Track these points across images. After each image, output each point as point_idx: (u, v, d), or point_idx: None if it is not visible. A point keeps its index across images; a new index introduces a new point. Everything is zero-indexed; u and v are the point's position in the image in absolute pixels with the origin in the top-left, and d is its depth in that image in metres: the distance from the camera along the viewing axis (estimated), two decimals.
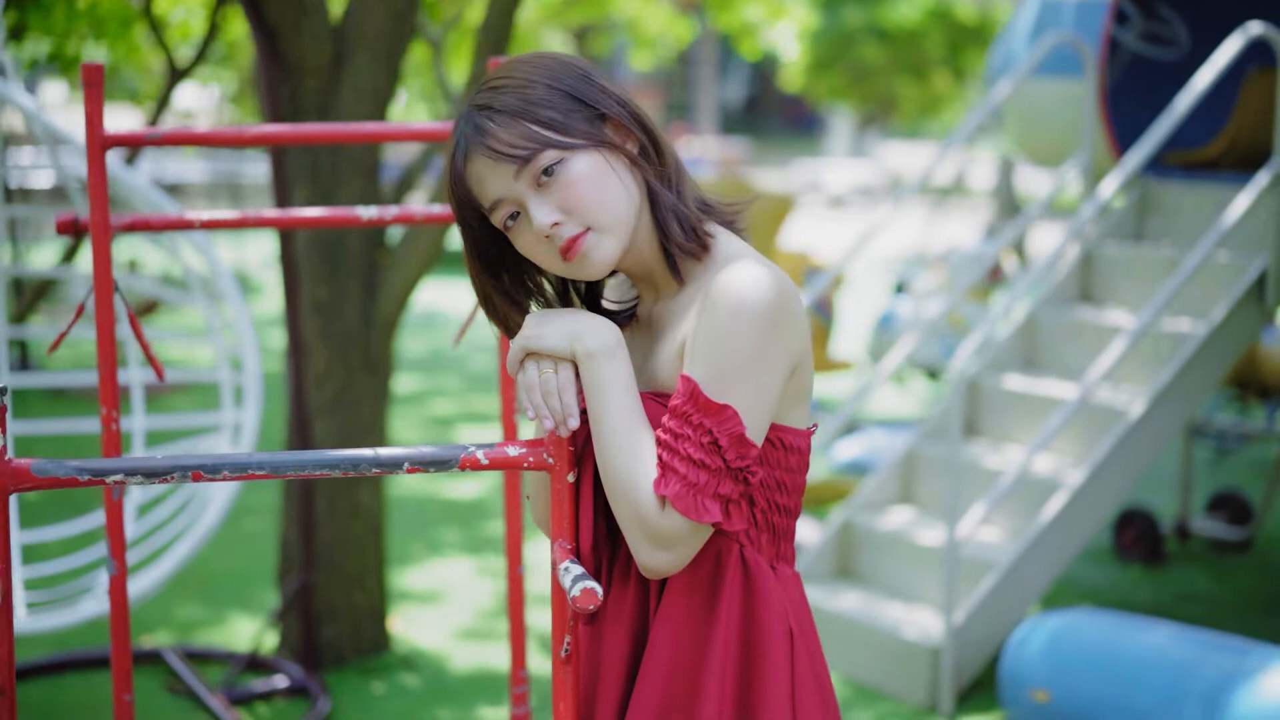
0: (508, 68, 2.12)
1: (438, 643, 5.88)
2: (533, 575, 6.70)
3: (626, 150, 2.13)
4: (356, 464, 2.13)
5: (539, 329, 2.12)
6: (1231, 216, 5.53)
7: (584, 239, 2.09)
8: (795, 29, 12.34)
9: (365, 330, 5.41)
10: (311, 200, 5.22)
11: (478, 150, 2.07)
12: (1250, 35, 5.50)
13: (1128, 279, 6.10)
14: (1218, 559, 7.06)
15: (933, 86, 29.38)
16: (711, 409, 2.04)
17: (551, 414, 2.10)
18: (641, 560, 2.09)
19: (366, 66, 5.18)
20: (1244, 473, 8.67)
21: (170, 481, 2.09)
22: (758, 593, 2.15)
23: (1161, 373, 5.53)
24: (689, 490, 2.04)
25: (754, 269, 2.06)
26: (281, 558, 5.64)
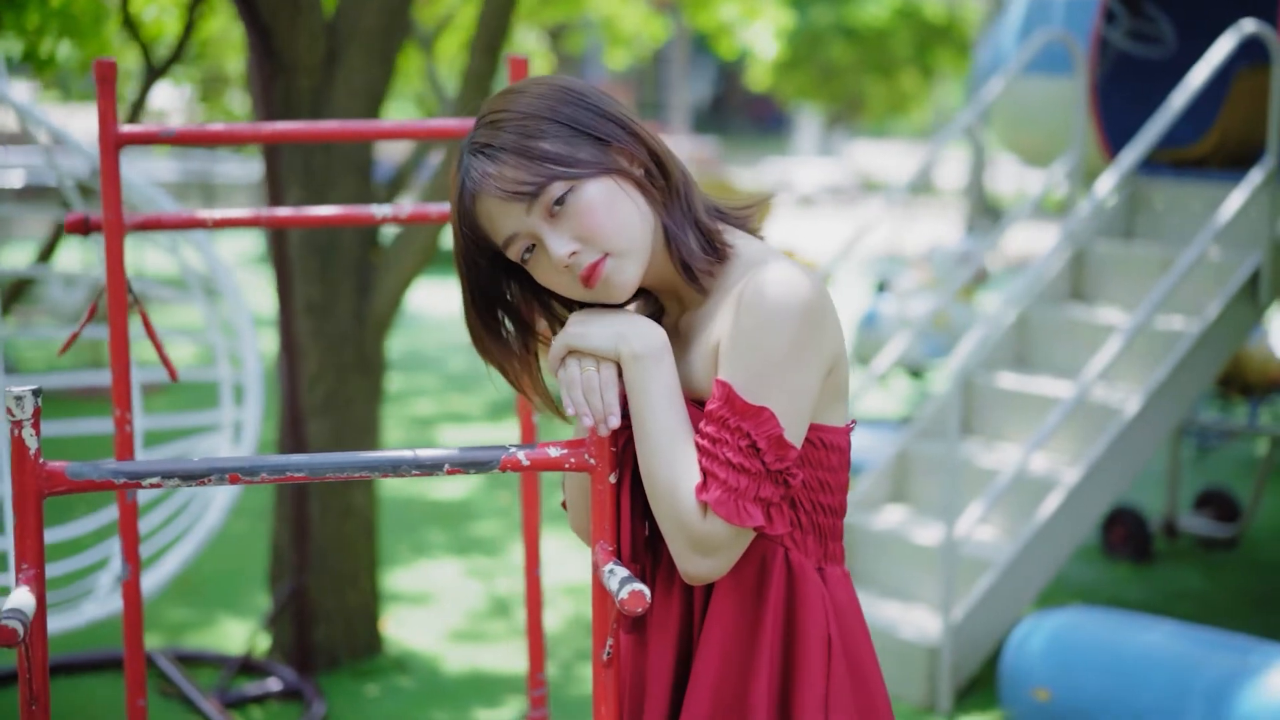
0: (501, 101, 2.10)
1: (430, 645, 5.84)
2: (517, 577, 6.67)
3: (633, 172, 2.11)
4: (396, 465, 2.10)
5: (584, 327, 2.10)
6: (1225, 214, 5.53)
7: (604, 265, 2.07)
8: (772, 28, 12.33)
9: (358, 330, 5.38)
10: (304, 199, 5.18)
11: (485, 190, 2.05)
12: (1244, 33, 5.50)
13: (1118, 277, 6.10)
14: (1206, 556, 7.07)
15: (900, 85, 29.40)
16: (749, 412, 2.02)
17: (592, 411, 2.08)
18: (683, 567, 2.07)
19: (360, 64, 5.14)
20: (1228, 470, 8.70)
21: (208, 484, 2.06)
22: (800, 599, 2.13)
23: (1156, 371, 5.53)
24: (730, 495, 2.02)
25: (785, 269, 2.05)
26: (273, 559, 5.60)
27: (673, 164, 2.16)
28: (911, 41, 28.34)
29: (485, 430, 9.76)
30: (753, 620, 2.13)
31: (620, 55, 14.36)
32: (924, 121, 36.41)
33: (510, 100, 2.09)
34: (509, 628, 6.05)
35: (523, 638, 5.93)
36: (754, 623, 2.13)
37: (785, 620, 2.13)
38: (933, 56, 28.33)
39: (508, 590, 6.50)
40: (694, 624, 2.17)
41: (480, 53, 5.06)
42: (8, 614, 1.92)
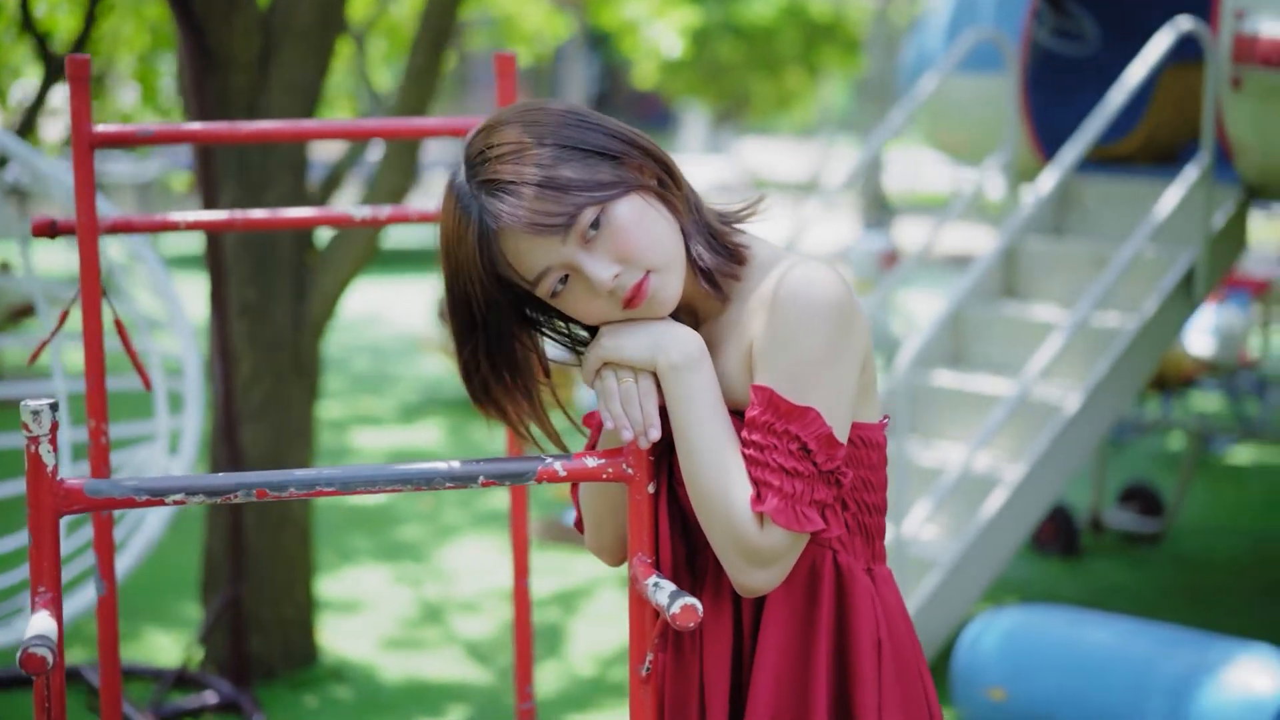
0: (498, 135, 2.01)
1: (365, 653, 5.74)
2: (456, 580, 6.58)
3: (650, 184, 2.04)
4: (430, 479, 2.03)
5: (618, 340, 2.04)
6: (1162, 211, 5.56)
7: (648, 282, 2.00)
8: (677, 25, 12.31)
9: (294, 333, 5.26)
10: (239, 199, 5.06)
11: (513, 228, 1.96)
12: (1180, 31, 5.53)
13: (1051, 274, 6.11)
14: (1132, 551, 7.12)
15: (786, 83, 29.56)
16: (794, 413, 1.97)
17: (632, 424, 2.02)
18: (740, 581, 2.01)
19: (296, 61, 5.02)
20: (1143, 464, 8.77)
21: (234, 500, 1.97)
22: (851, 602, 2.10)
23: (1096, 367, 5.54)
24: (787, 503, 1.97)
25: (812, 268, 2.01)
26: (205, 569, 5.46)
27: (680, 171, 2.10)
28: (798, 40, 28.49)
29: (401, 433, 9.63)
30: (806, 627, 2.08)
31: (521, 53, 14.26)
32: (808, 119, 36.60)
33: (509, 132, 2.00)
34: (443, 634, 5.96)
35: (458, 644, 5.85)
36: (808, 630, 2.08)
37: (837, 625, 2.10)
38: (818, 55, 28.50)
39: (438, 596, 6.41)
40: (744, 637, 2.12)
41: (424, 50, 4.97)
42: (35, 641, 1.83)
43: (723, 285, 2.09)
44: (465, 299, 2.03)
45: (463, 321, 2.06)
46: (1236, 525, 7.60)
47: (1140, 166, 6.57)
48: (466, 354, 2.08)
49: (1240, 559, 7.03)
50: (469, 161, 2.02)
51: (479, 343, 2.07)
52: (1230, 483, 8.50)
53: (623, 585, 6.48)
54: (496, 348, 2.08)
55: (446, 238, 2.03)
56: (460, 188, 2.01)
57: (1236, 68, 5.47)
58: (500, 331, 2.06)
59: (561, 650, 5.77)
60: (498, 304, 2.03)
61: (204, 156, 4.97)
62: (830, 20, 28.47)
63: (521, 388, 2.12)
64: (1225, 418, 9.34)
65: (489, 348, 2.07)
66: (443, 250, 2.04)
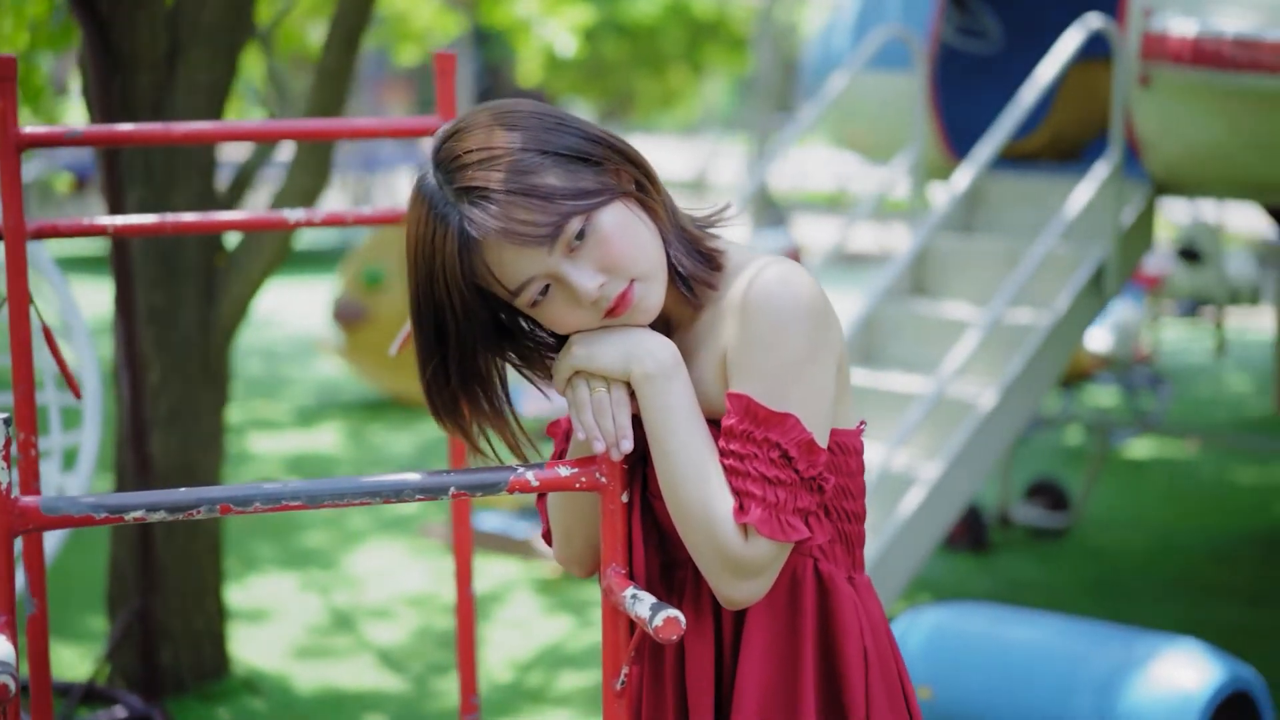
0: (471, 139, 1.94)
1: (276, 663, 5.63)
2: (365, 586, 6.48)
3: (631, 190, 1.99)
4: (399, 490, 1.97)
5: (590, 348, 1.98)
6: (1073, 207, 5.59)
7: (633, 291, 1.95)
8: (570, 24, 12.21)
9: (203, 338, 5.14)
10: (146, 201, 4.93)
11: (496, 238, 1.89)
12: (1090, 29, 5.55)
13: (961, 272, 6.12)
14: (1040, 546, 7.17)
15: (670, 82, 29.63)
16: (773, 420, 1.93)
17: (604, 435, 1.96)
18: (725, 593, 1.97)
19: (203, 60, 4.90)
20: (1046, 459, 8.84)
21: (197, 516, 1.90)
22: (835, 611, 2.06)
23: (1010, 364, 5.56)
24: (770, 512, 1.92)
25: (783, 268, 1.97)
26: (112, 580, 5.32)
27: (657, 175, 2.05)
28: (682, 38, 28.55)
29: (299, 437, 9.49)
30: (790, 638, 2.04)
31: (411, 51, 14.14)
32: (692, 117, 36.71)
33: (483, 136, 1.93)
34: (355, 642, 5.87)
35: (371, 652, 5.76)
36: (792, 640, 2.04)
37: (821, 635, 2.06)
38: (703, 53, 28.57)
39: (347, 603, 6.30)
40: (725, 649, 2.07)
41: (337, 48, 4.87)
42: None
43: (699, 292, 2.04)
44: (438, 310, 1.96)
45: (432, 334, 1.99)
46: (1140, 519, 7.68)
47: (1045, 163, 6.61)
48: (434, 368, 2.01)
49: (1146, 552, 7.10)
50: (442, 166, 1.95)
51: (449, 356, 2.00)
52: (1130, 476, 8.59)
53: (535, 589, 6.42)
54: (469, 361, 2.01)
55: (419, 246, 1.96)
56: (434, 194, 1.94)
57: (1145, 65, 5.50)
58: (474, 344, 2.00)
59: (477, 656, 5.68)
60: (474, 315, 1.97)
61: (108, 158, 4.84)
62: (714, 19, 28.56)
63: (490, 401, 2.06)
64: (1122, 412, 9.44)
65: (461, 361, 2.00)
66: (414, 260, 1.96)
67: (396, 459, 8.78)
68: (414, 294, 1.98)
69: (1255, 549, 7.16)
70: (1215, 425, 9.90)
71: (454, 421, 2.06)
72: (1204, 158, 5.67)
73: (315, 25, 12.09)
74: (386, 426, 9.74)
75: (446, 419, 2.06)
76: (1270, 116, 5.23)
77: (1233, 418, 10.21)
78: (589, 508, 2.14)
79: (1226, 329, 12.40)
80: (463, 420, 2.06)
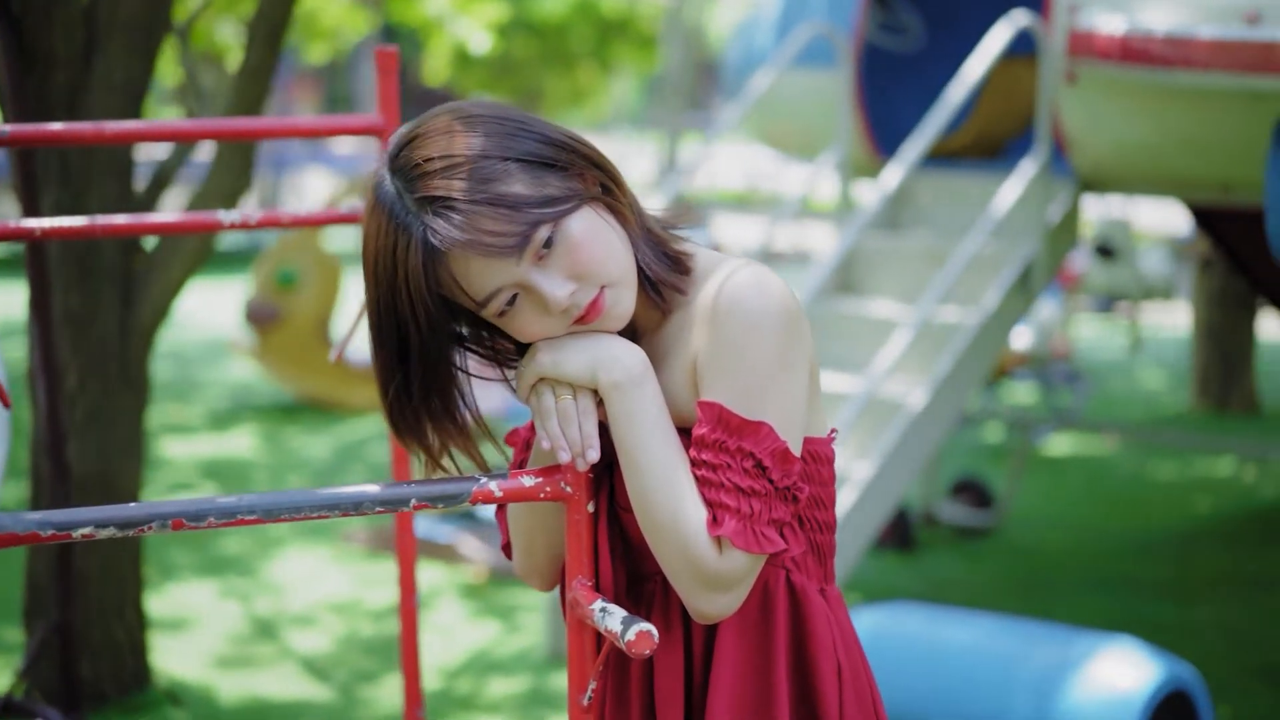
0: (430, 145, 1.86)
1: (198, 674, 5.51)
2: (286, 593, 6.37)
3: (596, 193, 1.92)
4: (359, 503, 1.89)
5: (556, 355, 1.91)
6: (1001, 205, 5.58)
7: (603, 298, 1.89)
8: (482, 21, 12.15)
9: (122, 342, 5.01)
10: (61, 203, 4.80)
11: (462, 249, 1.82)
12: (1017, 26, 5.55)
13: (888, 270, 6.10)
14: (965, 544, 7.18)
15: (579, 79, 29.61)
16: (746, 429, 1.87)
17: (570, 444, 1.89)
18: (698, 607, 1.91)
19: (120, 58, 4.78)
20: (966, 456, 8.85)
21: (148, 532, 1.82)
22: (808, 624, 2.01)
23: (939, 362, 5.54)
24: (745, 524, 1.86)
25: (754, 273, 1.91)
26: (29, 591, 5.18)
27: (622, 177, 1.99)
28: (590, 36, 28.52)
29: (213, 441, 9.33)
30: (763, 651, 1.99)
31: (321, 49, 14.00)
32: (601, 114, 36.68)
33: (443, 142, 1.85)
34: (278, 650, 5.76)
35: (295, 661, 5.65)
36: (765, 654, 1.99)
37: (794, 648, 2.00)
38: (611, 50, 28.56)
39: (269, 611, 6.19)
40: (695, 664, 2.01)
41: (259, 45, 4.76)
42: None
43: (667, 297, 1.98)
44: (400, 325, 1.88)
45: (395, 351, 1.91)
46: (1063, 516, 7.71)
47: (969, 161, 6.61)
48: (397, 383, 1.93)
49: (1069, 549, 7.12)
50: (401, 173, 1.86)
51: (412, 372, 1.92)
52: (1051, 473, 8.63)
53: (461, 594, 6.34)
54: (432, 374, 1.94)
55: (379, 258, 1.87)
56: (393, 203, 1.86)
57: (1072, 62, 5.50)
58: (438, 356, 1.92)
59: None
60: (439, 328, 1.89)
61: (23, 159, 4.70)
62: (622, 17, 28.55)
63: (452, 415, 1.99)
64: (1041, 409, 9.48)
65: (424, 376, 1.93)
66: (373, 272, 1.88)
67: (314, 463, 8.66)
68: (374, 309, 1.90)
69: (1177, 544, 7.21)
70: (1132, 421, 9.97)
71: (418, 440, 1.99)
72: (1131, 155, 5.68)
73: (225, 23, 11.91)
74: (302, 429, 9.61)
75: (411, 438, 1.98)
76: (1200, 113, 5.24)
77: (1149, 413, 10.28)
78: (552, 518, 2.07)
79: (1141, 325, 12.52)
80: (427, 439, 1.99)
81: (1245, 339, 9.97)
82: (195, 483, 8.21)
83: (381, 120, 2.79)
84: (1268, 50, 4.55)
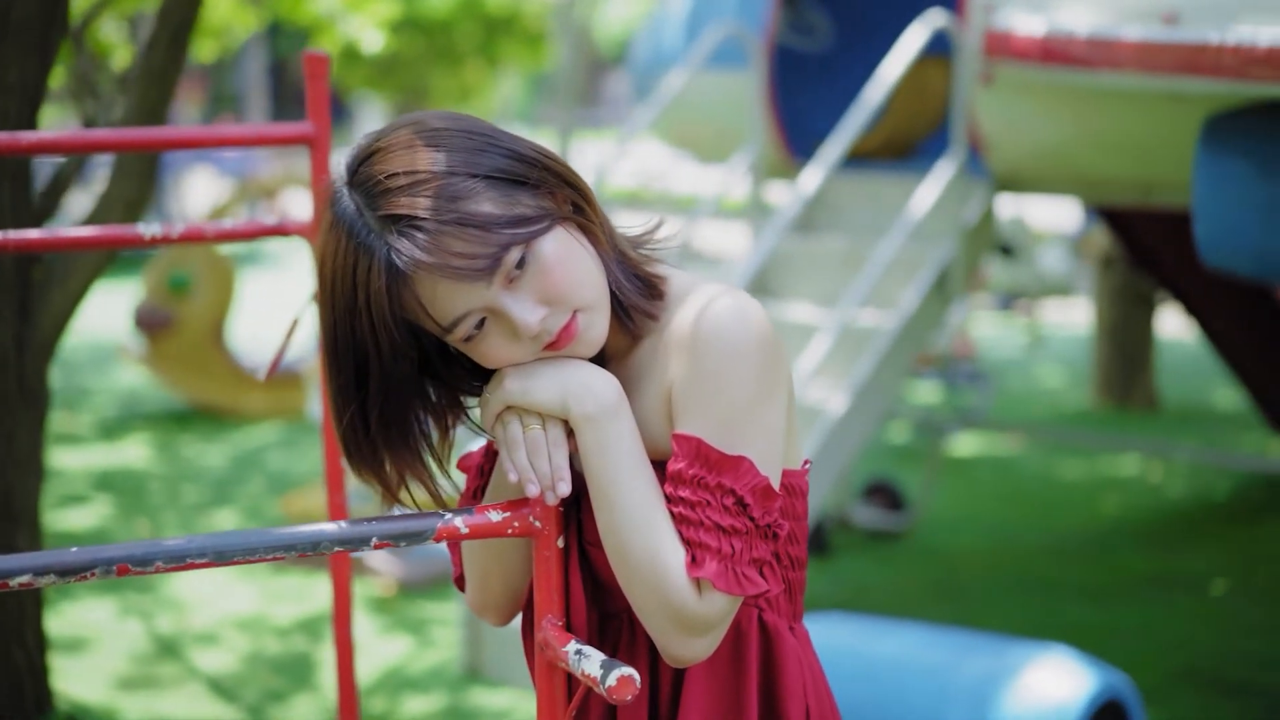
0: (392, 160, 1.74)
1: (101, 696, 5.33)
2: (189, 610, 6.19)
3: (568, 213, 1.81)
4: (316, 543, 1.77)
5: (524, 383, 1.79)
6: (919, 207, 5.52)
7: (576, 323, 1.78)
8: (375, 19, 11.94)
9: (19, 356, 4.81)
10: None
11: (430, 271, 1.70)
12: (934, 27, 5.49)
13: (804, 273, 6.03)
14: (880, 547, 7.12)
15: (465, 76, 29.43)
16: (726, 464, 1.76)
17: (539, 477, 1.78)
18: (674, 652, 1.80)
19: (14, 59, 4.57)
20: (874, 457, 8.81)
21: (91, 579, 1.69)
22: (778, 666, 1.92)
23: (859, 366, 5.47)
24: (726, 565, 1.76)
25: (736, 300, 1.80)
26: None
27: (593, 195, 1.87)
28: (476, 33, 28.36)
29: (105, 451, 9.08)
30: (733, 694, 1.89)
31: (208, 47, 13.70)
32: (488, 112, 36.51)
33: (407, 156, 1.73)
34: (183, 670, 5.58)
35: (200, 680, 5.48)
36: (735, 697, 1.90)
37: (765, 691, 1.91)
38: (497, 47, 28.40)
39: (172, 629, 6.00)
40: (661, 707, 1.91)
41: (163, 47, 4.58)
42: None
43: (639, 322, 1.87)
44: (359, 350, 1.76)
45: (352, 377, 1.78)
46: (974, 517, 7.68)
47: (881, 162, 6.56)
48: (353, 412, 1.81)
49: (984, 551, 7.09)
50: (362, 189, 1.74)
51: (370, 401, 1.79)
52: (958, 474, 8.60)
53: (370, 608, 6.18)
54: (392, 403, 1.81)
55: (337, 279, 1.74)
56: (353, 220, 1.73)
57: (988, 62, 5.45)
58: (399, 384, 1.80)
59: (314, 680, 5.45)
60: (401, 354, 1.77)
61: None
62: (508, 14, 28.40)
63: (411, 445, 1.86)
64: (945, 408, 9.47)
65: (384, 405, 1.80)
66: (332, 295, 1.75)
67: (211, 472, 8.45)
68: (330, 333, 1.78)
69: (1091, 545, 7.20)
70: (1035, 419, 9.98)
71: (374, 473, 1.86)
72: (1050, 156, 5.65)
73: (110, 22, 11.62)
74: (197, 437, 9.38)
75: (367, 470, 1.86)
76: (1122, 115, 5.21)
77: (1050, 411, 10.31)
78: (510, 551, 1.96)
79: (1041, 323, 12.58)
80: (384, 471, 1.86)
81: (1145, 336, 10.02)
82: (88, 495, 7.98)
83: (313, 129, 2.66)
84: (1193, 52, 4.51)
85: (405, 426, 1.84)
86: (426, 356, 1.85)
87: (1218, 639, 5.87)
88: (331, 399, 1.81)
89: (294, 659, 5.65)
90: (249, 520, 7.39)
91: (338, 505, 2.73)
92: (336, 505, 2.73)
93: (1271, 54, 4.22)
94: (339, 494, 2.74)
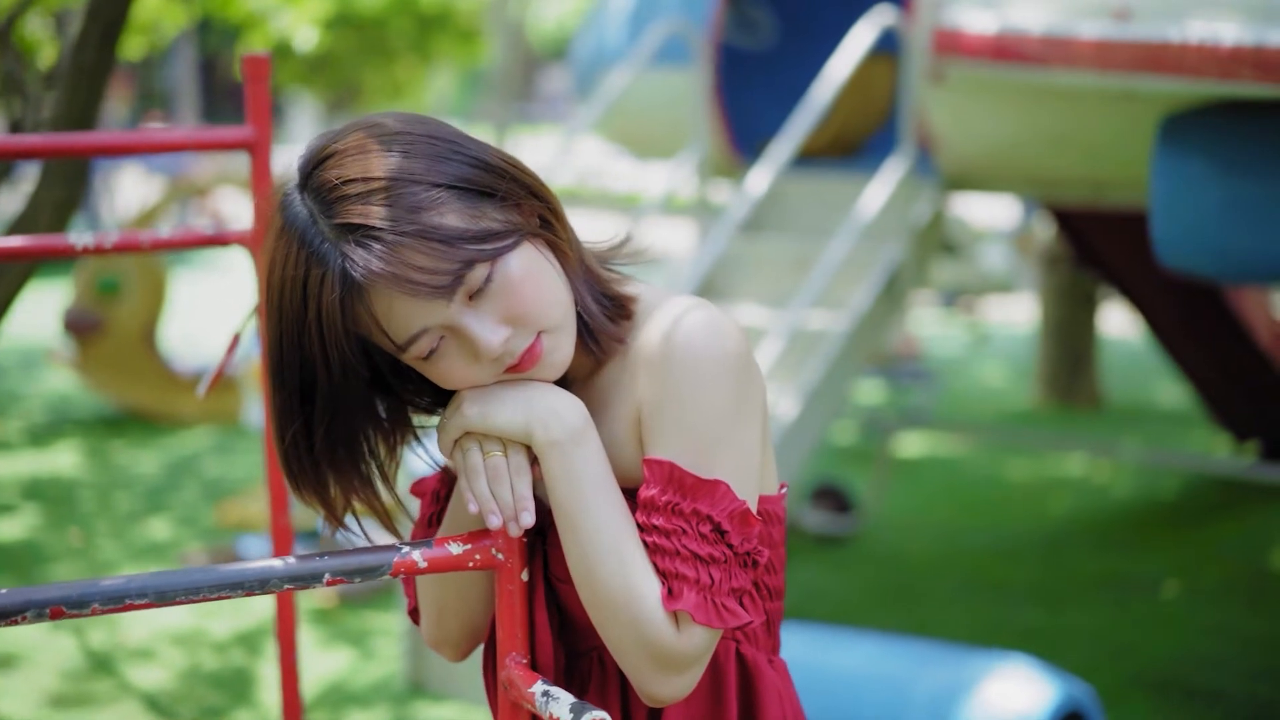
0: (348, 164, 1.61)
1: (31, 714, 5.16)
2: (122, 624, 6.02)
3: (535, 227, 1.69)
4: (265, 581, 1.64)
5: (485, 407, 1.67)
6: (869, 207, 5.43)
7: (540, 344, 1.66)
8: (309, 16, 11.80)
9: None
10: None
11: (388, 285, 1.58)
12: (882, 25, 5.40)
13: (752, 274, 5.93)
14: (829, 552, 7.03)
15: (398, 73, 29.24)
16: (701, 489, 1.65)
17: (501, 508, 1.66)
18: (651, 692, 1.69)
19: None
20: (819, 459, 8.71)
21: (23, 623, 1.57)
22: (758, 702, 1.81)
23: (808, 369, 5.37)
24: (705, 596, 1.65)
25: (708, 315, 1.68)
26: None
27: (562, 208, 1.75)
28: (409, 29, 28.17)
29: (34, 458, 8.86)
30: None
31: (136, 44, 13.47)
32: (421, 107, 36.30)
33: (364, 161, 1.61)
34: (117, 686, 5.42)
35: (135, 697, 5.33)
36: None
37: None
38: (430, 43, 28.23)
39: (104, 644, 5.83)
40: None
41: (94, 45, 4.42)
42: None
43: (605, 346, 1.75)
44: (305, 365, 1.63)
45: (296, 394, 1.66)
46: (922, 520, 7.61)
47: (827, 161, 6.47)
48: (295, 430, 1.68)
49: (933, 554, 7.01)
50: (315, 194, 1.61)
51: (315, 419, 1.67)
52: (905, 475, 8.52)
53: (310, 620, 6.04)
54: (339, 421, 1.69)
55: (285, 289, 1.61)
56: (305, 227, 1.61)
57: (938, 61, 5.37)
58: (348, 402, 1.67)
59: (253, 696, 5.31)
60: (351, 372, 1.64)
61: None
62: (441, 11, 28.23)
63: (359, 468, 1.74)
64: (889, 408, 9.39)
65: (330, 424, 1.68)
66: (279, 306, 1.62)
67: (144, 479, 8.26)
68: (275, 346, 1.65)
69: (1040, 547, 7.14)
70: (979, 418, 9.93)
71: (317, 495, 1.74)
72: (1001, 155, 5.57)
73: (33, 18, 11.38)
74: (128, 444, 9.18)
75: (308, 492, 1.73)
76: (1075, 113, 5.14)
77: (994, 410, 10.25)
78: (469, 585, 1.85)
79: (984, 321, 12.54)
80: (328, 493, 1.74)
81: (1089, 334, 9.99)
82: (16, 504, 7.77)
83: (253, 133, 2.53)
84: (1154, 50, 4.44)
85: (352, 446, 1.72)
86: (378, 372, 1.73)
87: (1170, 642, 5.81)
88: (274, 415, 1.69)
89: (232, 674, 5.50)
90: (184, 529, 7.22)
91: (282, 528, 2.59)
92: (281, 529, 2.59)
93: (1236, 52, 4.15)
94: (283, 515, 2.61)
